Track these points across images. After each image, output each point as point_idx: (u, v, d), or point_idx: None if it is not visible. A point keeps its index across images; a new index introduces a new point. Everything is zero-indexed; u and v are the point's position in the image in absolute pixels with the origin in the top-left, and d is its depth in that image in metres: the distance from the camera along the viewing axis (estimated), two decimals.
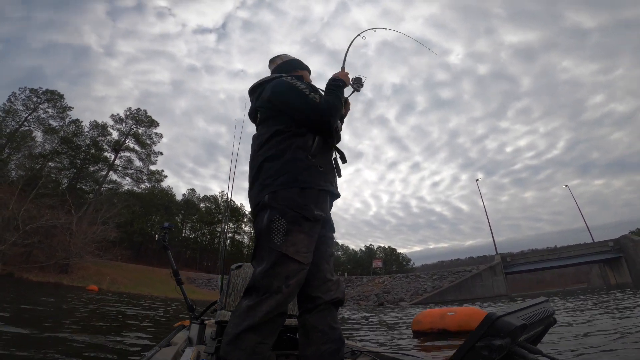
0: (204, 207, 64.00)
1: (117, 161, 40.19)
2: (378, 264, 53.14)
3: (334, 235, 1.57)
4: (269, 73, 1.84)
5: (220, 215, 60.15)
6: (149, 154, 41.59)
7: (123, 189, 41.84)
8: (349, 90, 1.72)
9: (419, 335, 5.06)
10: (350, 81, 1.69)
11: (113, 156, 40.03)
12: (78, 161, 38.84)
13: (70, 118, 38.49)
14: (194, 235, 63.01)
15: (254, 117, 1.65)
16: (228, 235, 60.69)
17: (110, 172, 39.71)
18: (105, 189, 39.19)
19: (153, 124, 41.96)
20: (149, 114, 42.02)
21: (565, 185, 51.31)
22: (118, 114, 40.71)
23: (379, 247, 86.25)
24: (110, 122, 40.33)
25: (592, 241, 34.24)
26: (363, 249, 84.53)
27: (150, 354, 1.65)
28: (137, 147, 41.03)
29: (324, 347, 1.30)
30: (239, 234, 64.10)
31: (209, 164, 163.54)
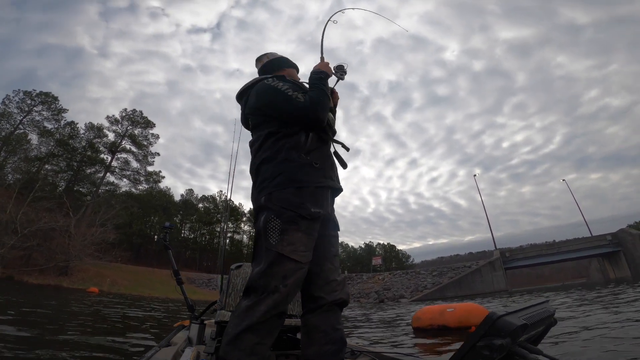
0: (202, 207, 63.97)
1: (114, 163, 40.16)
2: (378, 261, 53.37)
3: (337, 233, 1.55)
4: (258, 72, 1.82)
5: (219, 215, 60.12)
6: (145, 155, 41.52)
7: (121, 191, 41.86)
8: (333, 80, 1.65)
9: (418, 332, 5.09)
10: (332, 70, 1.63)
11: (110, 158, 39.93)
12: (74, 163, 38.71)
13: (66, 120, 38.46)
14: (193, 235, 62.98)
15: (247, 124, 1.65)
16: (227, 234, 60.73)
17: (108, 174, 39.69)
18: (103, 190, 39.14)
19: (149, 124, 41.82)
20: (145, 114, 41.97)
21: (563, 180, 51.62)
22: (113, 116, 40.70)
23: (379, 244, 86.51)
24: (106, 124, 40.31)
25: (590, 235, 34.45)
26: (362, 246, 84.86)
27: (150, 354, 1.65)
28: (134, 149, 40.97)
29: (325, 348, 1.30)
30: (238, 233, 64.16)
31: (206, 164, 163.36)
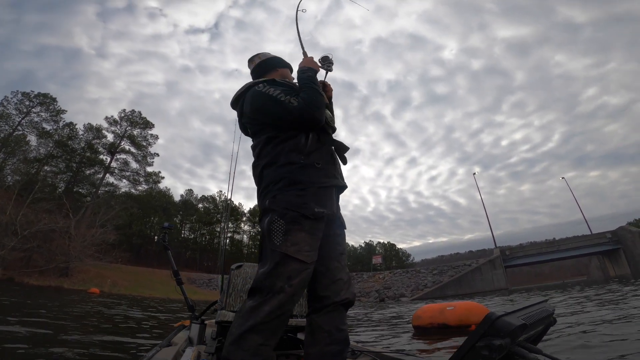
0: (202, 208, 63.95)
1: (113, 163, 40.15)
2: (378, 260, 53.36)
3: (344, 231, 1.54)
4: (251, 74, 1.81)
5: (218, 215, 60.12)
6: (145, 155, 41.51)
7: (120, 192, 41.85)
8: (322, 73, 1.63)
9: (419, 331, 5.10)
10: (318, 65, 1.61)
11: (109, 159, 39.92)
12: (74, 164, 38.70)
13: (64, 121, 38.46)
14: (193, 235, 62.96)
15: (245, 131, 1.65)
16: (227, 234, 60.74)
17: (107, 175, 39.68)
18: (103, 191, 39.10)
19: (148, 125, 41.79)
20: (144, 115, 41.93)
21: (562, 178, 51.56)
22: (112, 116, 40.68)
23: (379, 243, 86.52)
24: (105, 125, 40.31)
25: (590, 233, 34.48)
26: (362, 245, 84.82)
27: (151, 354, 1.66)
28: (133, 149, 40.94)
29: (328, 348, 1.30)
30: (238, 233, 64.13)
31: (205, 164, 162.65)
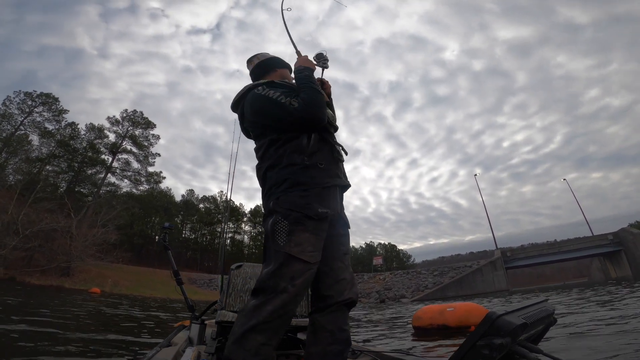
0: (203, 208, 64.00)
1: (115, 163, 40.13)
2: (379, 261, 53.29)
3: (348, 231, 1.55)
4: (250, 75, 1.81)
5: (219, 216, 60.17)
6: (146, 155, 41.49)
7: (122, 191, 41.81)
8: (318, 70, 1.62)
9: (419, 331, 5.10)
10: (314, 63, 1.60)
11: (110, 158, 39.93)
12: (75, 164, 38.75)
13: (66, 121, 38.46)
14: (194, 236, 63.03)
15: (248, 134, 1.65)
16: (228, 235, 60.77)
17: (109, 175, 39.65)
18: (104, 191, 39.09)
19: (150, 125, 41.82)
20: (145, 115, 41.96)
21: (563, 179, 51.52)
22: (114, 116, 40.62)
23: (379, 244, 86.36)
24: (107, 125, 40.23)
25: (592, 235, 34.36)
26: (363, 246, 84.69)
27: (151, 354, 1.66)
28: (135, 149, 40.94)
29: (330, 348, 1.30)
30: (239, 233, 64.16)
31: (207, 164, 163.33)
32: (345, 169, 1.60)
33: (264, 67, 1.74)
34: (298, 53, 1.72)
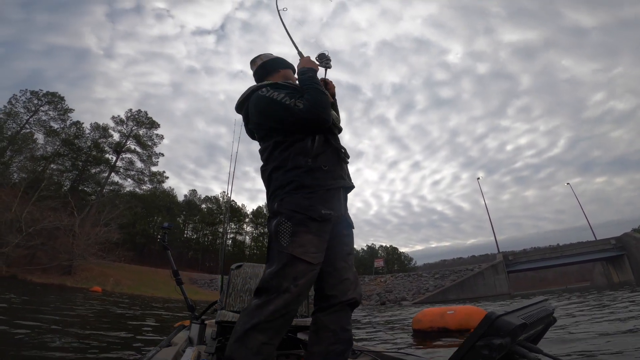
0: (205, 208, 64.11)
1: (119, 163, 40.35)
2: (380, 263, 53.05)
3: (352, 231, 1.56)
4: (253, 75, 1.81)
5: (221, 216, 60.26)
6: (150, 155, 41.73)
7: (125, 191, 41.98)
8: (321, 71, 1.63)
9: (419, 334, 5.07)
10: (316, 64, 1.61)
11: (114, 158, 40.17)
12: (80, 163, 38.99)
13: (71, 120, 38.75)
14: (196, 236, 63.12)
15: (253, 136, 1.66)
16: (229, 235, 60.83)
17: (112, 174, 39.87)
18: (107, 190, 39.26)
19: (154, 125, 42.07)
20: (149, 115, 42.22)
21: (567, 184, 51.29)
22: (119, 116, 40.97)
23: (381, 247, 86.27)
24: (111, 124, 40.58)
25: (595, 239, 34.13)
26: (365, 249, 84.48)
27: (151, 354, 1.66)
28: (138, 149, 41.18)
29: (332, 348, 1.31)
30: (241, 234, 64.18)
31: (209, 165, 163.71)
32: (349, 170, 1.61)
33: (268, 68, 1.75)
34: (300, 54, 1.73)
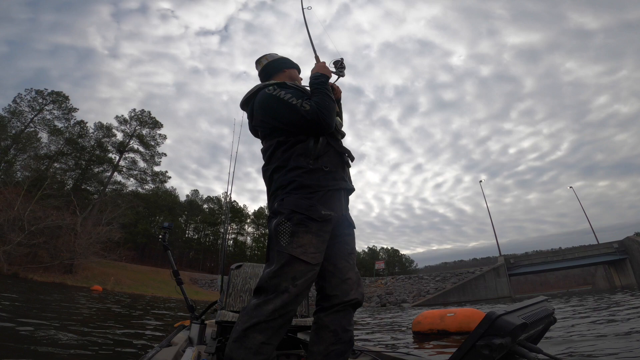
0: (207, 208, 64.24)
1: (122, 162, 40.55)
2: (381, 265, 52.95)
3: (353, 231, 1.56)
4: (259, 75, 1.82)
5: (223, 217, 60.36)
6: (153, 155, 41.88)
7: (127, 190, 42.04)
8: (333, 77, 1.64)
9: (419, 336, 5.06)
10: (331, 71, 1.61)
11: (117, 157, 40.35)
12: (83, 162, 39.16)
13: (75, 119, 38.96)
14: (197, 236, 63.24)
15: (256, 134, 1.66)
16: (231, 236, 60.90)
17: (115, 173, 40.06)
18: (110, 189, 39.41)
19: (157, 125, 42.22)
20: (153, 115, 42.37)
21: (570, 187, 51.01)
22: (122, 116, 41.12)
23: (382, 249, 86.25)
24: (115, 124, 40.76)
25: (597, 243, 33.98)
26: (366, 250, 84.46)
27: (151, 354, 1.66)
28: (141, 148, 41.35)
29: (332, 348, 1.31)
30: (242, 234, 64.24)
31: (212, 165, 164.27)
32: (350, 173, 1.61)
33: (273, 68, 1.75)
34: (317, 58, 1.73)
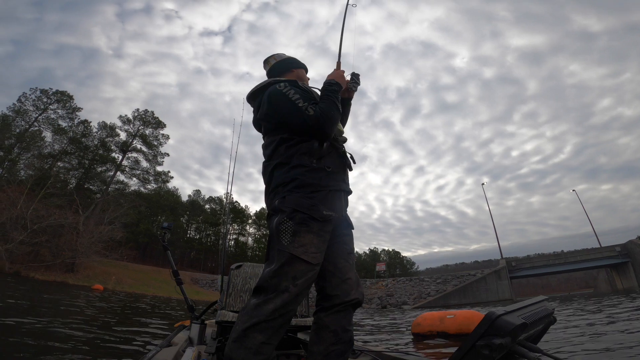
0: (209, 209, 64.36)
1: (125, 162, 40.60)
2: (382, 267, 52.86)
3: (351, 232, 1.56)
4: (267, 75, 1.81)
5: (225, 217, 60.42)
6: (155, 155, 41.97)
7: (130, 190, 42.09)
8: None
9: (418, 338, 5.05)
10: (346, 82, 1.61)
11: (120, 157, 40.45)
12: (86, 161, 39.31)
13: (79, 119, 39.07)
14: (198, 236, 63.33)
15: (259, 128, 1.66)
16: (232, 236, 60.96)
17: (118, 173, 40.13)
18: (113, 189, 39.47)
19: (160, 125, 42.32)
20: (156, 115, 42.53)
21: (572, 190, 50.58)
22: (126, 115, 41.19)
23: (383, 250, 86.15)
24: (118, 123, 40.83)
25: (600, 246, 33.80)
26: (367, 252, 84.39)
27: (151, 354, 1.66)
28: (144, 148, 41.44)
29: (332, 348, 1.31)
30: (243, 235, 64.28)
31: (214, 165, 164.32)
32: (351, 174, 1.61)
33: (281, 67, 1.76)
34: (338, 64, 1.71)
